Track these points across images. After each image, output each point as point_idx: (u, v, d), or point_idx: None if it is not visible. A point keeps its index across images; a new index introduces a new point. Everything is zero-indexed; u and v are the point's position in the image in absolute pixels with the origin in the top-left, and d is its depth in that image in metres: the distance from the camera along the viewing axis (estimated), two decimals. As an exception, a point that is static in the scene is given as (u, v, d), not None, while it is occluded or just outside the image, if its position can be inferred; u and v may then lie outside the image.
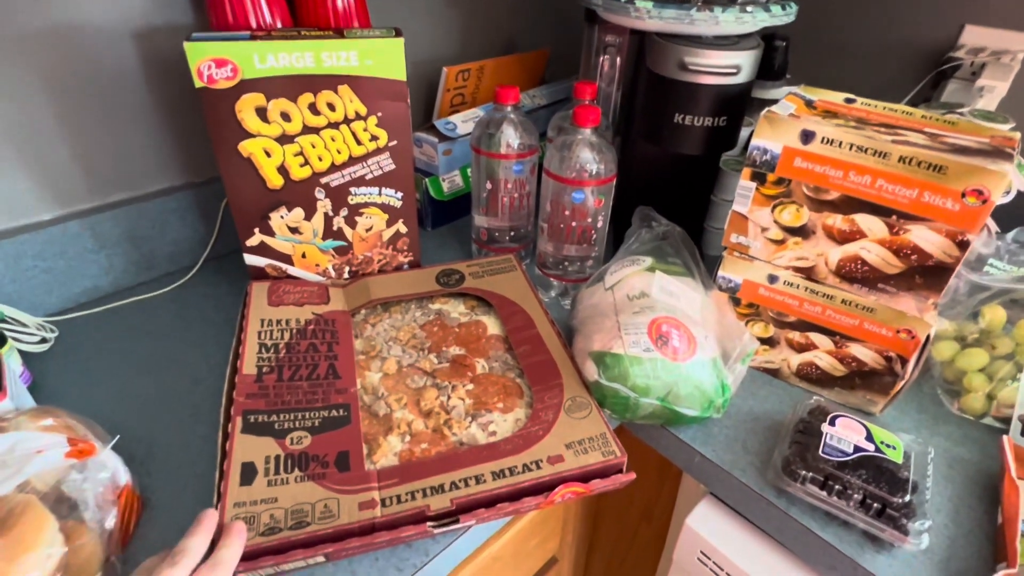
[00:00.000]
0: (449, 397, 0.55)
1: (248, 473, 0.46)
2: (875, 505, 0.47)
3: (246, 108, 0.56)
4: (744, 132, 0.74)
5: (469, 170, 0.88)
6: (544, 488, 0.47)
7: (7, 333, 0.58)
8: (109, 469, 0.45)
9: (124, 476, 0.47)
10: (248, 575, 0.41)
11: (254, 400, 0.52)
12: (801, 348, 0.62)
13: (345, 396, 0.54)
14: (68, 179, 0.67)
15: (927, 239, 0.51)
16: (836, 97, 0.59)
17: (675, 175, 0.75)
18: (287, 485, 0.45)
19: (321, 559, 0.42)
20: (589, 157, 0.64)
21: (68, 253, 0.68)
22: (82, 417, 0.48)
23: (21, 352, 0.60)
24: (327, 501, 0.44)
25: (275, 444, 0.48)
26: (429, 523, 0.43)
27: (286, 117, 0.58)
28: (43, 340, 0.64)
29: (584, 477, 0.48)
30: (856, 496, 0.48)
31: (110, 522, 0.43)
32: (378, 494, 0.45)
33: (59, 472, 0.43)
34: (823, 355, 0.61)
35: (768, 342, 0.63)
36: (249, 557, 0.41)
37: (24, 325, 0.63)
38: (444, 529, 0.44)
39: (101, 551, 0.41)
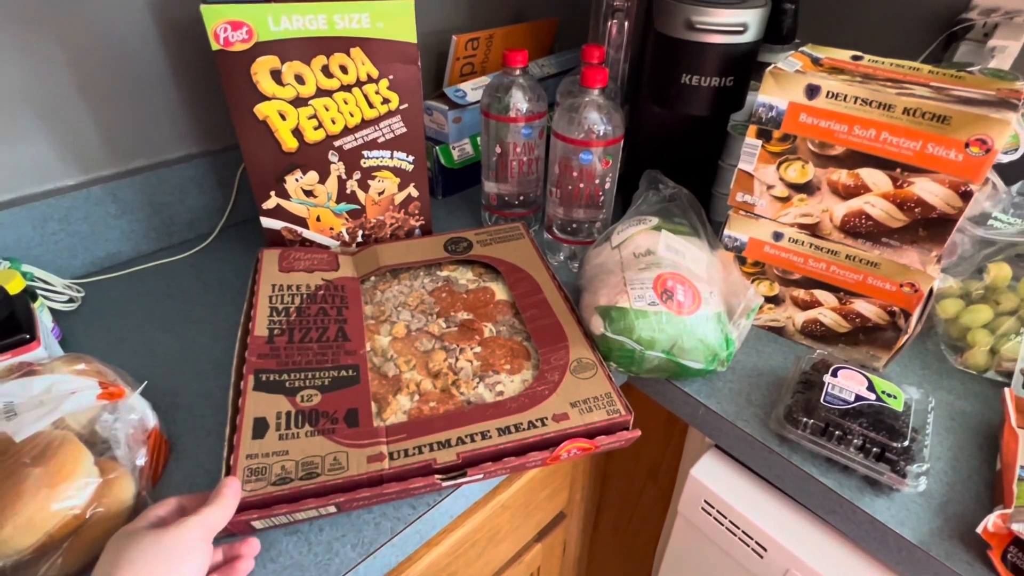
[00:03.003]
0: (457, 359, 0.56)
1: (260, 427, 0.47)
2: (874, 450, 0.49)
3: (261, 70, 0.58)
4: (751, 97, 0.74)
5: (479, 138, 0.89)
6: (549, 444, 0.48)
7: (38, 291, 0.61)
8: (138, 412, 0.47)
9: (152, 420, 0.49)
10: (262, 522, 0.43)
11: (265, 360, 0.53)
12: (806, 305, 0.63)
13: (354, 358, 0.55)
14: (89, 145, 0.70)
15: (930, 191, 0.51)
16: (843, 55, 0.59)
17: (683, 139, 0.75)
18: (298, 439, 0.46)
19: (332, 508, 0.44)
20: (596, 118, 0.64)
21: (92, 218, 0.70)
22: (111, 365, 0.51)
23: (51, 310, 0.63)
24: (336, 454, 0.46)
25: (286, 401, 0.49)
26: (437, 476, 0.45)
27: (300, 80, 0.59)
28: (71, 300, 0.66)
29: (589, 434, 0.49)
30: (856, 441, 0.49)
31: (140, 460, 0.45)
32: (386, 448, 0.46)
33: (92, 412, 0.45)
34: (827, 312, 0.62)
35: (773, 300, 0.64)
36: (263, 505, 0.42)
37: (52, 286, 0.65)
38: (452, 482, 0.46)
39: (133, 485, 0.44)
